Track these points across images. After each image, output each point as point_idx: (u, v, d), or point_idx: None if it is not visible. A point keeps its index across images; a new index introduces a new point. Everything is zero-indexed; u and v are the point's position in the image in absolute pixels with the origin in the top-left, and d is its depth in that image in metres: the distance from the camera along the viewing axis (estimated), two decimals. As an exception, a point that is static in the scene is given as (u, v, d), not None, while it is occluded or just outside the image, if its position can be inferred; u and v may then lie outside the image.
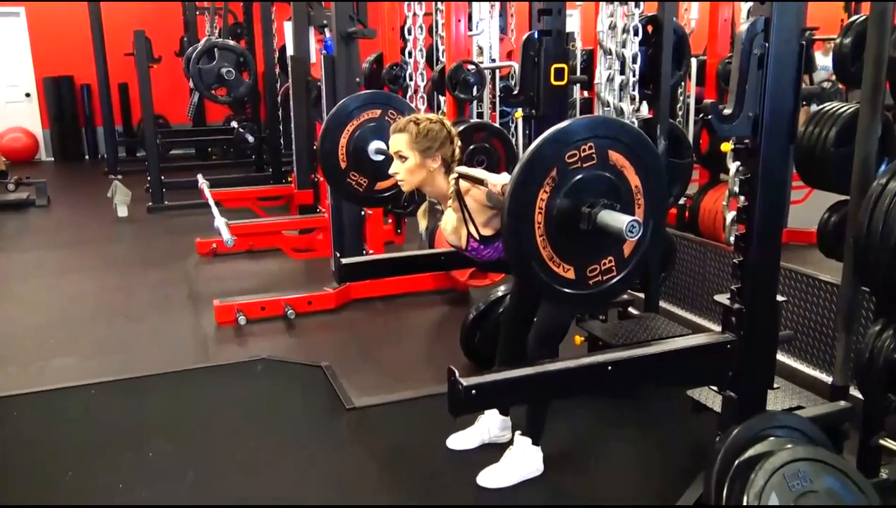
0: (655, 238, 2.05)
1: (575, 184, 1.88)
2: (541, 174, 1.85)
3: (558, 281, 1.93)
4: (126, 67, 9.06)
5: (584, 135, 1.88)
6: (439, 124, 2.41)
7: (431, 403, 3.06)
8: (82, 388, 3.31)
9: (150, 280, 5.04)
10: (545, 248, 1.89)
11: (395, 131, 2.41)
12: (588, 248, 1.95)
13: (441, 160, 2.41)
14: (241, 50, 6.93)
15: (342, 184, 3.13)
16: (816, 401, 2.56)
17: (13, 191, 7.58)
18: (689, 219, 4.94)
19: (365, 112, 3.08)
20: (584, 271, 1.96)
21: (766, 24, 2.00)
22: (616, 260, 1.99)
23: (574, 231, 1.90)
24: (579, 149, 1.87)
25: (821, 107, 2.94)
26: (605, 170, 1.91)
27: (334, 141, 3.05)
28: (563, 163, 1.86)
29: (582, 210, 1.88)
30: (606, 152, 1.91)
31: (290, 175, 6.65)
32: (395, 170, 2.44)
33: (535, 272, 1.90)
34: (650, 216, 1.99)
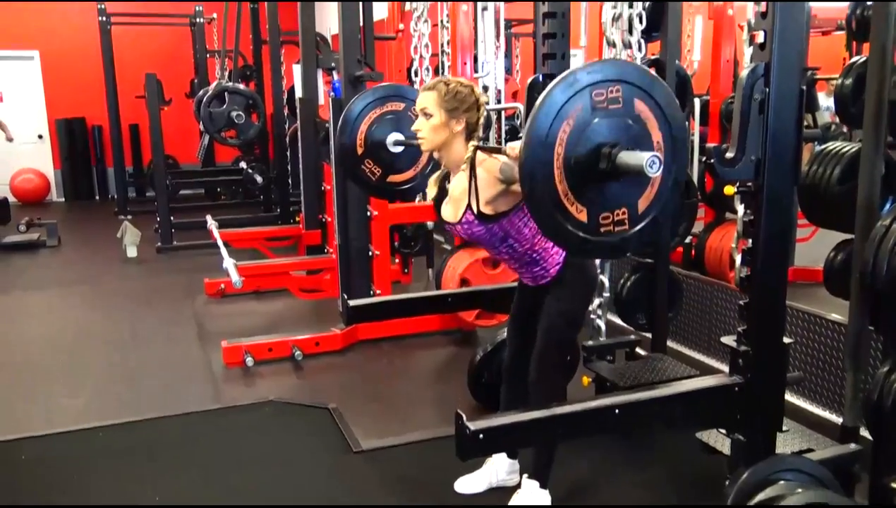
0: (671, 198, 1.99)
1: (599, 123, 1.85)
2: (565, 106, 1.81)
3: (570, 221, 1.87)
4: (137, 109, 9.21)
5: (613, 76, 1.85)
6: (469, 89, 2.40)
7: (439, 446, 3.04)
8: (90, 431, 3.31)
9: (158, 320, 5.06)
10: (561, 183, 1.84)
11: (425, 89, 2.41)
12: (604, 193, 1.89)
13: (465, 124, 2.39)
14: (250, 93, 7.05)
15: (356, 170, 3.16)
16: (826, 443, 2.53)
17: (24, 232, 7.65)
18: (695, 258, 4.95)
19: (388, 104, 3.14)
20: (596, 217, 1.89)
21: (766, 70, 2.03)
22: (630, 213, 1.93)
23: (593, 171, 1.85)
24: (607, 90, 1.84)
25: (824, 146, 2.97)
26: (630, 116, 1.88)
27: (355, 126, 3.11)
28: (590, 100, 1.83)
29: (603, 149, 1.84)
30: (633, 100, 1.87)
31: (298, 215, 6.70)
32: (418, 127, 2.42)
33: (549, 207, 1.84)
34: (669, 174, 1.94)
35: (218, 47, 8.79)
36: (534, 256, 2.45)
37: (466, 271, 4.35)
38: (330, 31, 8.79)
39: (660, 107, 1.91)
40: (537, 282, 2.51)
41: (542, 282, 2.50)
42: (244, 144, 7.81)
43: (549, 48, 3.22)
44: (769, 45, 2.02)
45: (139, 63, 9.28)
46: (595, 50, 3.51)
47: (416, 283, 5.54)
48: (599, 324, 3.45)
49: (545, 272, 2.47)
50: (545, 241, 2.41)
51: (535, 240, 2.41)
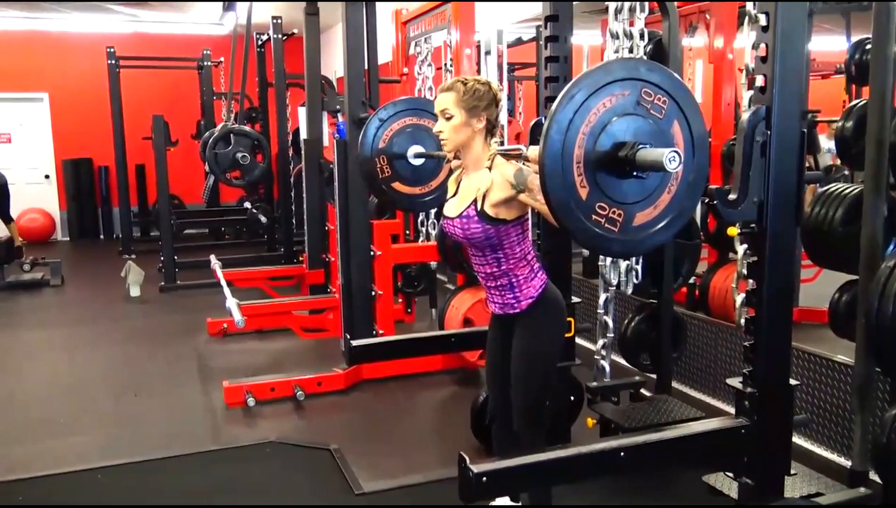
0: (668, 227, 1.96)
1: (634, 118, 1.84)
2: (614, 86, 1.81)
3: (570, 190, 1.84)
4: (143, 150, 9.30)
5: (666, 87, 1.86)
6: (486, 86, 2.39)
7: (442, 488, 3.00)
8: (89, 472, 3.28)
9: (160, 359, 5.04)
10: (580, 147, 1.82)
11: (443, 90, 2.40)
12: (610, 185, 1.87)
13: (486, 121, 2.38)
14: (256, 135, 7.12)
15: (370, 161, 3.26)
16: (835, 487, 2.50)
17: (28, 271, 7.67)
18: (699, 298, 4.93)
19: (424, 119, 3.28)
20: (594, 203, 1.87)
21: (767, 112, 2.05)
22: (623, 219, 1.90)
23: (611, 157, 1.84)
24: (655, 95, 1.85)
25: (826, 187, 2.98)
26: (665, 130, 1.88)
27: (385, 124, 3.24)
28: (637, 93, 1.84)
29: (628, 140, 1.83)
30: (673, 119, 1.88)
31: (301, 255, 6.72)
32: (439, 129, 2.40)
33: (561, 163, 1.81)
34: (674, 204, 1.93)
35: (224, 89, 8.92)
36: (512, 280, 2.41)
37: (469, 311, 4.34)
38: (335, 74, 8.94)
39: (692, 142, 1.91)
40: (505, 311, 2.46)
41: (511, 312, 2.45)
42: (249, 185, 7.87)
43: (552, 91, 3.26)
44: (770, 89, 2.05)
45: (146, 105, 9.39)
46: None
47: (420, 323, 5.53)
48: (604, 365, 3.43)
49: (516, 302, 2.43)
50: (527, 269, 2.40)
51: (520, 264, 2.39)
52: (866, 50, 3.52)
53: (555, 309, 2.46)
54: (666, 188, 1.91)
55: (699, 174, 1.94)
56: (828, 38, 6.72)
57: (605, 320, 3.46)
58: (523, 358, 2.44)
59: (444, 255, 4.62)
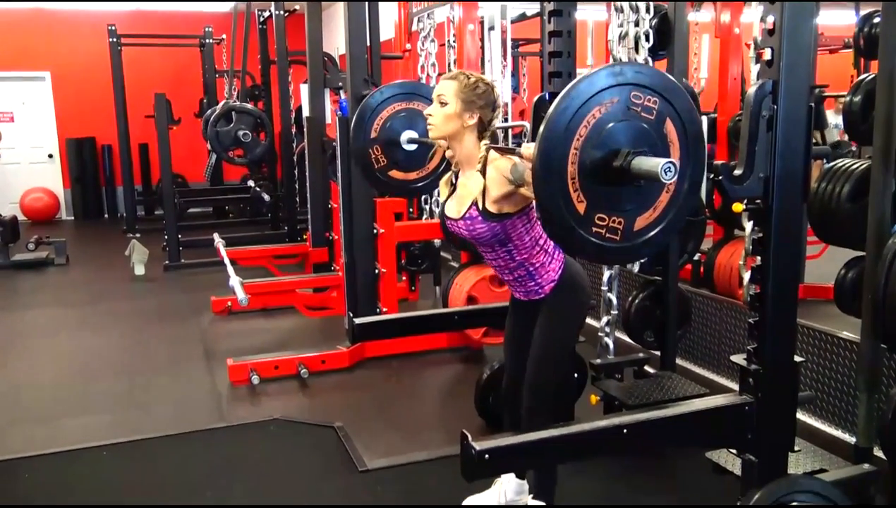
0: (669, 227, 1.94)
1: (626, 124, 1.81)
2: (604, 93, 1.79)
3: (567, 206, 1.81)
4: (146, 128, 9.28)
5: (655, 86, 1.83)
6: (489, 86, 2.37)
7: (446, 465, 3.01)
8: (94, 450, 3.30)
9: (164, 337, 5.05)
10: (573, 164, 1.79)
11: (446, 78, 2.39)
12: (607, 195, 1.85)
13: (478, 119, 2.36)
14: (257, 112, 7.09)
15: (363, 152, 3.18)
16: (839, 464, 2.50)
17: (33, 250, 7.68)
18: (703, 276, 4.91)
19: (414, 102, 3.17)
20: (593, 215, 1.84)
21: (774, 87, 2.02)
22: (624, 226, 1.88)
23: (605, 168, 1.81)
24: (645, 97, 1.82)
25: (833, 163, 2.95)
26: (657, 133, 1.85)
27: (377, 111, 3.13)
28: (627, 98, 1.80)
29: (622, 149, 1.81)
30: (665, 119, 1.85)
31: (305, 233, 6.71)
32: (430, 112, 2.38)
33: (554, 179, 1.80)
34: (672, 206, 1.91)
35: (227, 67, 8.87)
36: (529, 269, 2.40)
37: (473, 289, 4.33)
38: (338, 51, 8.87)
39: (687, 137, 1.88)
40: (529, 298, 2.47)
41: (535, 298, 2.45)
42: (251, 163, 7.85)
43: (556, 66, 3.22)
44: (777, 62, 2.01)
45: (149, 83, 9.35)
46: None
47: (423, 301, 5.52)
48: (608, 342, 3.42)
49: (539, 288, 2.42)
50: (543, 255, 2.38)
51: (533, 251, 2.37)
52: (875, 23, 3.46)
53: (580, 288, 2.46)
54: (664, 188, 1.89)
55: (697, 169, 1.92)
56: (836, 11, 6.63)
57: (610, 297, 3.44)
58: (546, 339, 2.44)
59: (448, 233, 4.60)
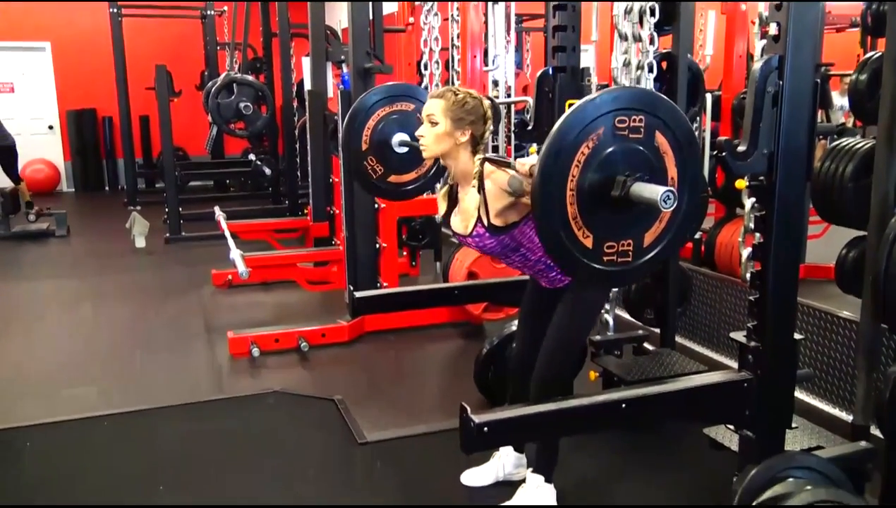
0: (678, 237, 1.98)
1: (617, 150, 1.82)
2: (588, 128, 1.80)
3: (575, 245, 1.85)
4: (147, 100, 9.22)
5: (637, 105, 1.83)
6: (478, 101, 2.37)
7: (445, 438, 3.03)
8: (95, 420, 3.32)
9: (165, 310, 5.07)
10: (572, 205, 1.82)
11: (433, 96, 2.38)
12: (611, 222, 1.88)
13: (470, 136, 2.36)
14: (259, 85, 7.04)
15: (358, 166, 3.12)
16: (837, 441, 2.51)
17: (34, 222, 7.68)
18: (704, 254, 4.91)
19: (397, 103, 3.08)
20: (601, 244, 1.88)
21: (780, 62, 2.00)
22: (635, 246, 1.92)
23: (604, 199, 1.83)
24: (630, 118, 1.83)
25: (837, 142, 2.93)
26: (649, 149, 1.86)
27: (363, 120, 3.05)
28: (612, 126, 1.81)
29: (618, 177, 1.82)
30: (654, 132, 1.86)
31: (306, 207, 6.70)
32: (421, 134, 2.38)
33: (557, 227, 1.82)
34: (679, 212, 1.92)
35: (228, 40, 8.80)
36: (548, 262, 2.40)
37: (474, 264, 4.33)
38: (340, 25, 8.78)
39: (679, 144, 1.89)
40: (554, 285, 2.48)
41: (560, 285, 2.47)
42: (253, 136, 7.81)
43: (560, 41, 3.21)
44: (783, 37, 1.99)
45: (150, 55, 9.28)
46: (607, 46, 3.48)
47: (424, 276, 5.52)
48: (608, 319, 3.43)
49: (563, 276, 2.43)
50: None
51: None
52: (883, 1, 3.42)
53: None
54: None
55: (694, 172, 1.94)
56: (844, -10, 6.57)
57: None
58: (568, 323, 2.44)
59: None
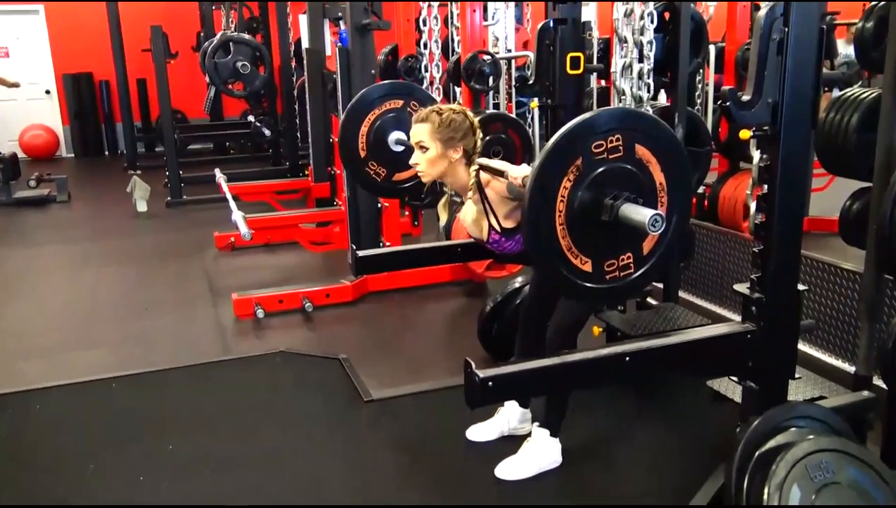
0: (676, 238, 2.00)
1: (599, 175, 1.84)
2: (565, 163, 1.81)
3: (575, 274, 1.90)
4: (144, 63, 9.12)
5: (612, 126, 1.84)
6: (462, 115, 2.39)
7: (449, 395, 3.05)
8: (103, 382, 3.34)
9: (168, 273, 5.08)
10: (564, 238, 1.85)
11: (417, 121, 2.39)
12: (607, 242, 1.92)
13: (462, 151, 2.39)
14: (256, 44, 6.95)
15: (360, 173, 3.09)
16: (839, 391, 2.52)
17: (34, 188, 7.66)
18: (708, 208, 4.90)
19: (387, 102, 3.03)
20: (601, 265, 1.92)
21: (785, 8, 1.96)
22: (634, 257, 1.96)
23: (595, 223, 1.86)
24: (606, 140, 1.83)
25: (842, 92, 2.89)
26: (631, 163, 1.87)
27: (355, 130, 3.01)
28: (589, 154, 1.82)
29: (605, 201, 1.84)
30: (633, 145, 1.87)
31: (306, 168, 6.66)
32: (415, 161, 2.41)
33: (553, 262, 1.87)
34: (673, 215, 1.95)
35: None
36: None
37: (476, 223, 4.31)
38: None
39: (661, 150, 1.90)
40: None
41: None
42: (251, 97, 7.74)
43: (561, -8, 3.14)
44: (790, -18, 1.95)
45: (145, 16, 9.15)
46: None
47: (427, 236, 5.52)
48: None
49: None
50: None
51: None
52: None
53: None
54: (658, 203, 1.93)
55: (681, 171, 1.95)
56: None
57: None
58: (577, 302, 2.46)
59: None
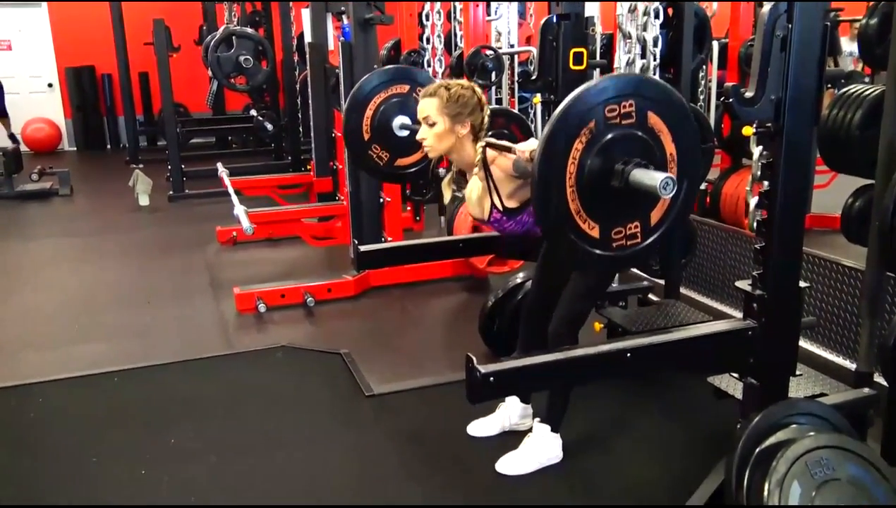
0: (684, 210, 1.99)
1: (611, 140, 1.83)
2: (579, 124, 1.80)
3: (583, 238, 1.88)
4: (146, 56, 9.09)
5: (626, 91, 1.83)
6: (470, 91, 2.38)
7: (451, 390, 3.06)
8: (105, 375, 3.35)
9: (171, 267, 5.08)
10: (574, 201, 1.83)
11: (426, 96, 2.39)
12: (616, 209, 1.90)
13: (470, 127, 2.38)
14: (258, 38, 6.94)
15: (363, 157, 3.09)
16: (840, 388, 2.52)
17: (37, 181, 7.66)
18: (710, 205, 4.89)
19: (393, 86, 3.03)
20: (609, 232, 1.90)
21: (789, 5, 1.95)
22: (642, 227, 1.94)
23: (605, 188, 1.84)
24: (619, 105, 1.82)
25: (845, 89, 2.88)
26: (643, 131, 1.86)
27: (360, 111, 3.01)
28: (603, 117, 1.81)
29: (615, 166, 1.83)
30: (646, 113, 1.85)
31: (309, 163, 6.66)
32: (422, 136, 2.40)
33: (562, 225, 1.85)
34: (682, 186, 1.92)
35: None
36: None
37: (478, 218, 4.32)
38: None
39: (673, 120, 1.89)
40: None
41: None
42: (254, 91, 7.72)
43: (563, -13, 3.14)
44: (793, -21, 1.95)
45: (147, 10, 9.12)
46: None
47: (429, 231, 5.52)
48: (612, 271, 3.42)
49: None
50: None
51: None
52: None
53: None
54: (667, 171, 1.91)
55: (692, 143, 1.94)
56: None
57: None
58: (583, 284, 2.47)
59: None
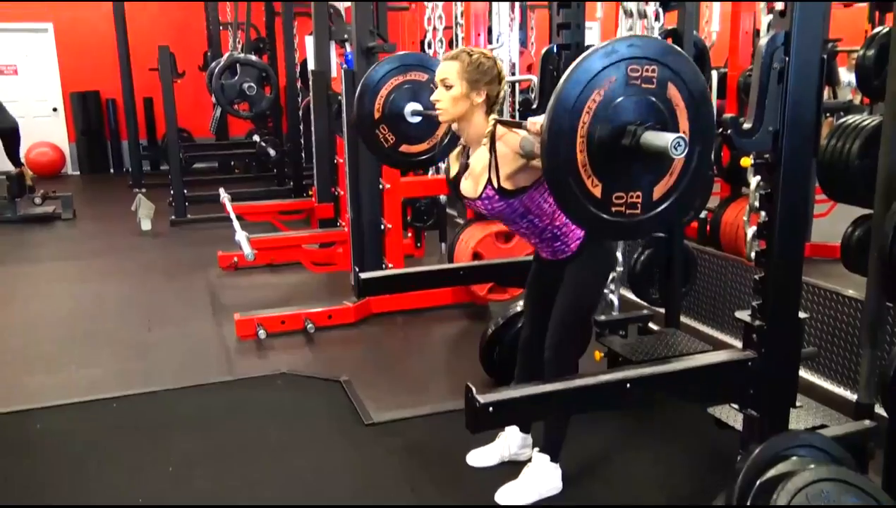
0: (689, 192, 1.96)
1: (628, 99, 1.81)
2: (600, 75, 1.78)
3: (584, 194, 1.84)
4: (151, 82, 9.18)
5: (651, 54, 1.81)
6: (492, 61, 2.36)
7: (451, 419, 3.04)
8: (104, 402, 3.34)
9: (172, 292, 5.09)
10: (582, 152, 1.81)
11: (447, 59, 2.37)
12: (621, 171, 1.87)
13: (485, 97, 2.36)
14: (262, 65, 7.01)
15: (369, 135, 3.09)
16: (840, 420, 2.51)
17: (39, 205, 7.69)
18: (710, 233, 4.90)
19: (412, 72, 3.05)
20: (610, 195, 1.87)
21: (786, 38, 1.98)
22: (644, 198, 1.90)
23: (614, 147, 1.82)
24: (643, 67, 1.81)
25: (844, 119, 2.91)
26: (661, 100, 1.84)
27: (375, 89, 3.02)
28: (625, 75, 1.80)
29: (628, 126, 1.81)
30: (667, 84, 1.84)
31: (311, 188, 6.70)
32: (437, 98, 2.38)
33: (566, 175, 1.82)
34: (689, 166, 1.91)
35: (230, 19, 8.75)
36: (554, 232, 2.42)
37: (479, 245, 4.33)
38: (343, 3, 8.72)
39: (693, 99, 1.87)
40: (556, 257, 2.49)
41: (561, 257, 2.47)
42: (257, 117, 7.79)
43: (564, 17, 3.18)
44: (790, 12, 1.97)
45: (152, 36, 9.24)
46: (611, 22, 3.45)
47: (429, 257, 5.53)
48: (612, 299, 3.43)
49: (565, 247, 2.45)
50: (564, 216, 2.38)
51: (555, 216, 2.39)
52: (892, -25, 3.38)
53: (605, 246, 2.50)
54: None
55: (707, 128, 1.91)
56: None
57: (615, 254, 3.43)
58: (574, 294, 2.46)
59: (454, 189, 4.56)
